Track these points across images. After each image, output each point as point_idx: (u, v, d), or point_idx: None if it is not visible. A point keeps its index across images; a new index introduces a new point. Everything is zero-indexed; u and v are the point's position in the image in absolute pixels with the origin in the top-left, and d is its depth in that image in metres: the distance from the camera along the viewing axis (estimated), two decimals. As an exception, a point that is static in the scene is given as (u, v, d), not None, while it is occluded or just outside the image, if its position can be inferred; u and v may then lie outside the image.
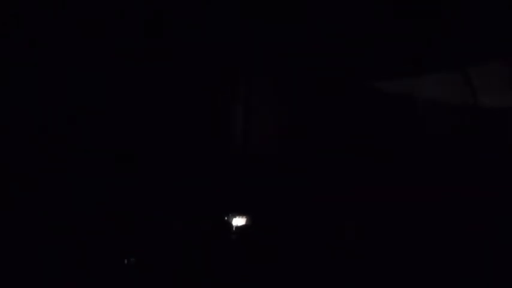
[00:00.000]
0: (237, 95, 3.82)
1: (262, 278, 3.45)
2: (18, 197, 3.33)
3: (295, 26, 3.76)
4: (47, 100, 3.44)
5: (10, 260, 3.23)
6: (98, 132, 3.52)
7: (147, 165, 3.60)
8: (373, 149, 3.80)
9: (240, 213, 3.68)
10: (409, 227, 3.60)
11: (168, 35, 3.69)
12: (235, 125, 3.81)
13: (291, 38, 3.77)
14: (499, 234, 3.51)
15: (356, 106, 3.84)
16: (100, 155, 3.50)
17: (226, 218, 3.65)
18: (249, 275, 3.46)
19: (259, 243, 3.60)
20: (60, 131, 3.46)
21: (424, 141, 3.80)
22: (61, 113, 3.46)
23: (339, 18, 3.73)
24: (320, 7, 3.73)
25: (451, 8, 3.66)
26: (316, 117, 3.86)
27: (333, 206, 3.71)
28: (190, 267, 3.46)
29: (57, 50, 3.47)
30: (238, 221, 3.66)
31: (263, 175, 3.75)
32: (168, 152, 3.66)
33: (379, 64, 3.77)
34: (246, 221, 3.66)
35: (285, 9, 3.74)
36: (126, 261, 3.38)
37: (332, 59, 3.78)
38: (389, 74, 3.81)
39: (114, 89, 3.58)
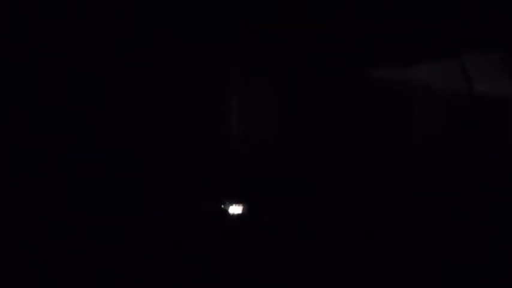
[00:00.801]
0: (236, 93, 3.84)
1: (259, 269, 3.47)
2: (17, 197, 3.36)
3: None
4: (46, 99, 3.45)
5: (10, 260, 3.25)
6: (96, 127, 3.55)
7: (147, 162, 3.62)
8: (371, 144, 3.81)
9: (237, 203, 3.70)
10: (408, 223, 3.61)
11: (167, 34, 3.71)
12: (233, 123, 3.83)
13: (290, 36, 3.79)
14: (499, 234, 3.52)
15: (354, 99, 3.85)
16: (98, 149, 3.53)
17: (222, 206, 3.68)
18: (247, 267, 3.48)
19: (257, 238, 3.62)
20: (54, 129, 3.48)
21: (422, 133, 3.81)
22: (56, 111, 3.48)
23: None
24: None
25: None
26: (313, 111, 3.87)
27: (332, 204, 3.73)
28: (189, 260, 3.47)
29: (54, 49, 3.49)
30: (235, 211, 3.69)
31: (261, 172, 3.76)
32: (166, 149, 3.68)
33: (375, 55, 3.78)
34: (243, 212, 3.69)
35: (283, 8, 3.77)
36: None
37: (329, 52, 3.80)
38: (385, 64, 3.82)
39: (113, 87, 3.60)
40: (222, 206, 3.68)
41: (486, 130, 3.70)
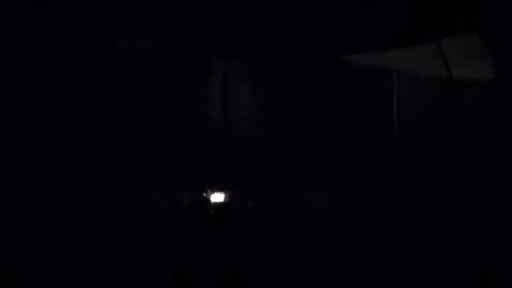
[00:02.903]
0: (216, 76, 3.84)
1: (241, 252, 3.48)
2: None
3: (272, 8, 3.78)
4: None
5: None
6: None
7: (129, 143, 3.63)
8: (351, 129, 3.83)
9: (219, 190, 3.71)
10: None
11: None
12: (214, 105, 3.83)
13: (270, 19, 3.79)
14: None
15: (332, 83, 3.86)
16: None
17: (205, 195, 3.68)
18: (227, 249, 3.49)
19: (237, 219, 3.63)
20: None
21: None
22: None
23: None
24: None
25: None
26: (292, 95, 3.88)
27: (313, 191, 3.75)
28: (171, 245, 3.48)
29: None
30: (217, 198, 3.69)
31: (242, 154, 3.77)
32: (150, 131, 3.68)
33: (353, 38, 3.79)
34: (225, 198, 3.69)
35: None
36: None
37: (304, 35, 3.81)
38: (363, 48, 3.83)
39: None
40: (205, 194, 3.69)
41: (466, 115, 3.73)
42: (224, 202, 3.70)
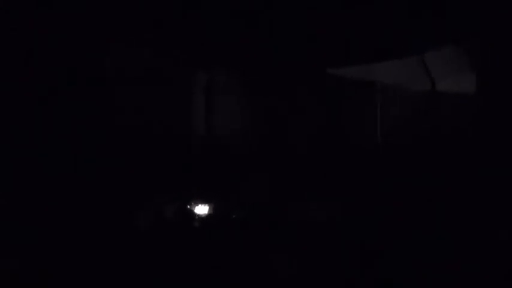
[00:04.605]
0: (200, 88, 3.85)
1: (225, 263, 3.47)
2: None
3: (255, 20, 3.83)
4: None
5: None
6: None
7: (114, 154, 3.60)
8: (334, 141, 3.88)
9: (203, 202, 3.71)
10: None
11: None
12: (198, 118, 3.83)
13: (253, 32, 3.84)
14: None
15: (317, 95, 3.92)
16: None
17: (188, 207, 3.68)
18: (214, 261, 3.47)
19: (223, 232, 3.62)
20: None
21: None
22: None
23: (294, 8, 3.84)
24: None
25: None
26: (277, 108, 3.92)
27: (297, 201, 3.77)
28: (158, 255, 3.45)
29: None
30: (201, 210, 3.69)
31: (226, 166, 3.78)
32: (134, 143, 3.66)
33: (338, 51, 3.87)
34: (209, 210, 3.69)
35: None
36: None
37: (291, 49, 3.87)
38: (348, 61, 3.91)
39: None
40: (188, 206, 3.67)
41: (449, 126, 3.84)
42: (208, 214, 3.68)
